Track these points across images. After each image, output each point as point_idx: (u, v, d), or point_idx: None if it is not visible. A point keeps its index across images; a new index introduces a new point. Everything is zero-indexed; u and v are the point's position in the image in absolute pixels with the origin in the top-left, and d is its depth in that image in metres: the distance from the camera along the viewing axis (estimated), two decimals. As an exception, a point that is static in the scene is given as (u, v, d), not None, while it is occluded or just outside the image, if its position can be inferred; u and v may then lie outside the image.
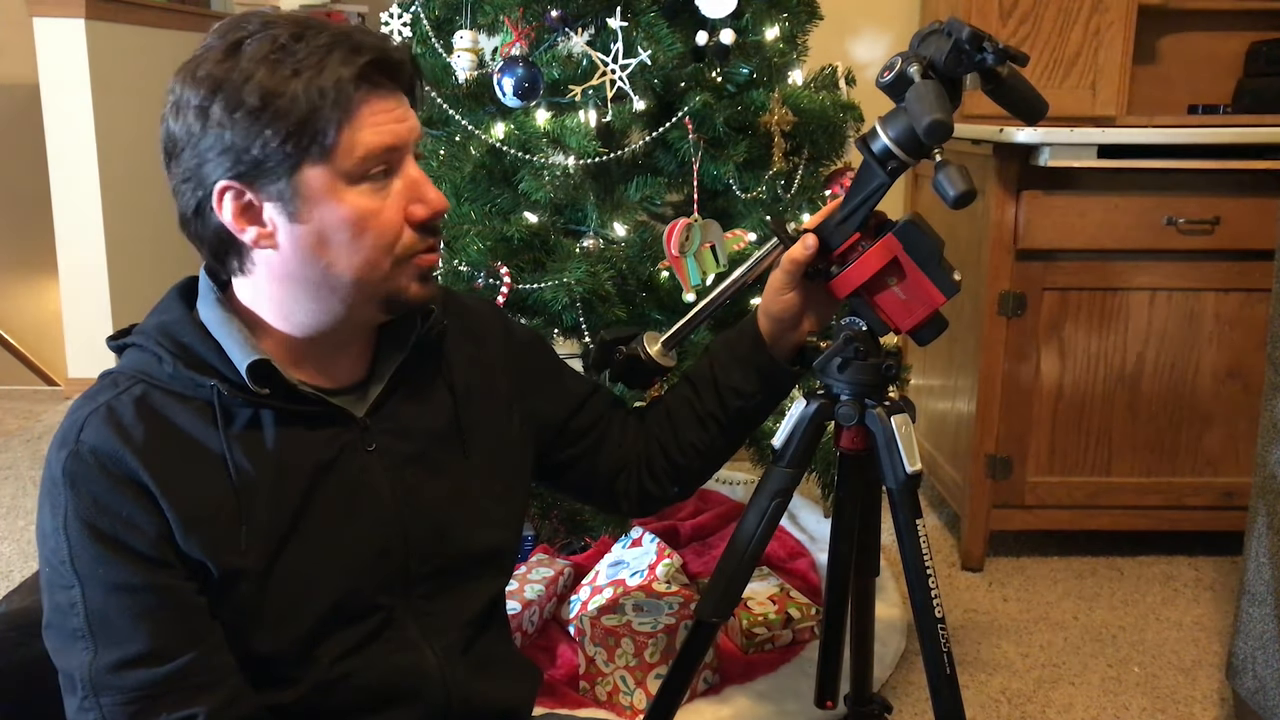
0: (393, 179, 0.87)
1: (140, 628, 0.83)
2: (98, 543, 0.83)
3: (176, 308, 0.93)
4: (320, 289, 0.88)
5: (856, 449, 1.15)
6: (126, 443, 0.84)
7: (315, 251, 0.86)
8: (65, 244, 3.59)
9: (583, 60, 1.70)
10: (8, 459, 3.08)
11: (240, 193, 0.85)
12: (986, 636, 2.14)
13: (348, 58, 0.83)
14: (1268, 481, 1.62)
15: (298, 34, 0.83)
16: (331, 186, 0.84)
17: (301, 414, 0.91)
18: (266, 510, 0.88)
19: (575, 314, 1.63)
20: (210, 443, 0.87)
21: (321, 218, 0.85)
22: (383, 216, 0.87)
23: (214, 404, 0.87)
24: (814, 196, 1.85)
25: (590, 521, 2.10)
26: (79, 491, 0.83)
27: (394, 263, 0.89)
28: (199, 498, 0.85)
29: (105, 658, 0.83)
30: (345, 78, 0.82)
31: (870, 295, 1.07)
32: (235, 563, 0.86)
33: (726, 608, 1.17)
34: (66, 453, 0.84)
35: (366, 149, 0.84)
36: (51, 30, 3.45)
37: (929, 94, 0.93)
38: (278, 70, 0.81)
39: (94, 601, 0.83)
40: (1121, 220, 2.23)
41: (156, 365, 0.89)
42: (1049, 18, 2.80)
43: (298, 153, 0.83)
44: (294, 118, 0.82)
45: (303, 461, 0.90)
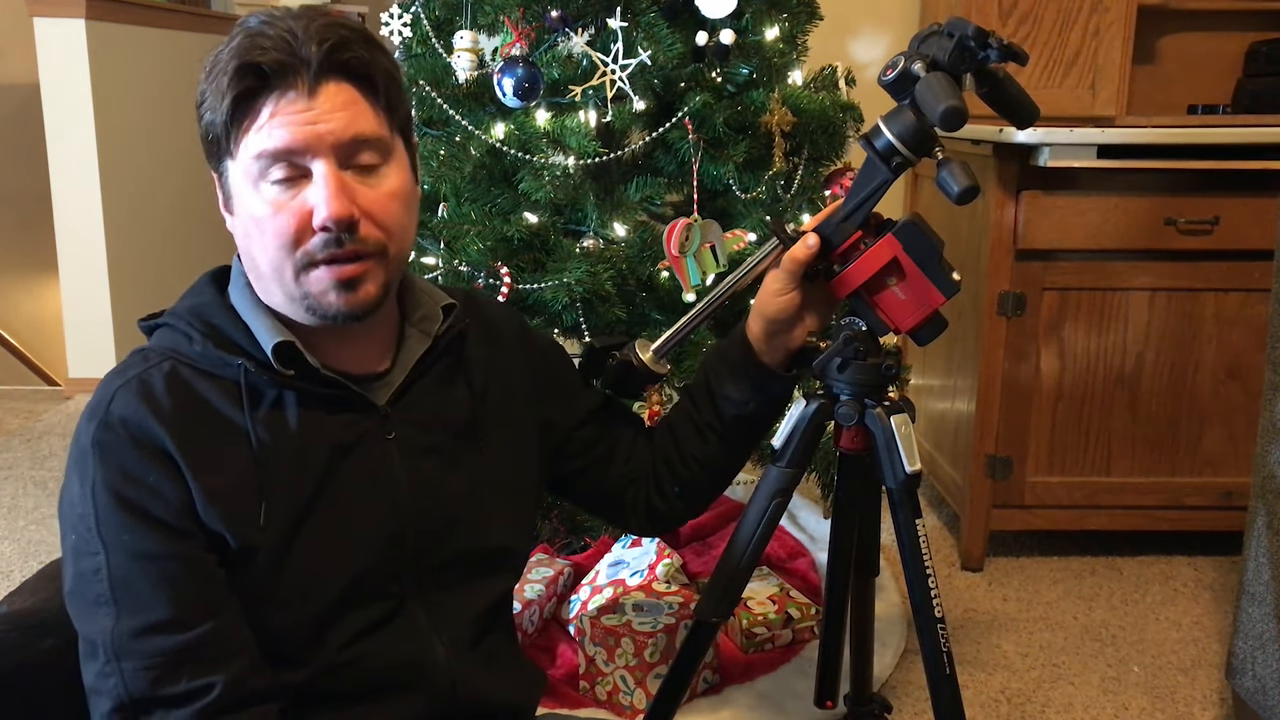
0: (305, 180, 0.88)
1: (162, 595, 0.85)
2: (123, 511, 0.85)
3: (208, 291, 0.96)
4: (258, 278, 0.92)
5: (856, 449, 1.15)
6: (155, 414, 0.86)
7: (245, 243, 0.92)
8: (65, 244, 3.59)
9: (583, 60, 1.70)
10: (8, 459, 3.07)
11: (215, 178, 0.93)
12: (986, 636, 2.14)
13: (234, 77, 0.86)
14: (1267, 481, 1.62)
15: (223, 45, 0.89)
16: (242, 182, 0.89)
17: (324, 397, 0.93)
18: (286, 489, 0.90)
19: (575, 314, 1.63)
20: (235, 419, 0.89)
21: (240, 211, 0.91)
22: (279, 218, 0.88)
23: (240, 382, 0.90)
24: (814, 196, 1.85)
25: (590, 521, 2.10)
26: (107, 461, 0.85)
27: (297, 266, 0.88)
28: (222, 471, 0.88)
29: (127, 623, 0.84)
30: (227, 83, 0.86)
31: (870, 295, 1.07)
32: (253, 538, 0.88)
33: (726, 608, 1.17)
34: (96, 423, 0.87)
35: (256, 151, 0.87)
36: (51, 30, 3.45)
37: (939, 84, 0.94)
38: (213, 70, 0.88)
39: (118, 568, 0.85)
40: (1121, 220, 2.23)
41: (186, 344, 0.92)
42: (1049, 18, 2.80)
43: (219, 152, 0.90)
44: (206, 122, 0.89)
45: (322, 443, 0.92)
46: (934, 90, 0.94)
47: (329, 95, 0.87)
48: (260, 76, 0.86)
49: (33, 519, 2.67)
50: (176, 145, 4.11)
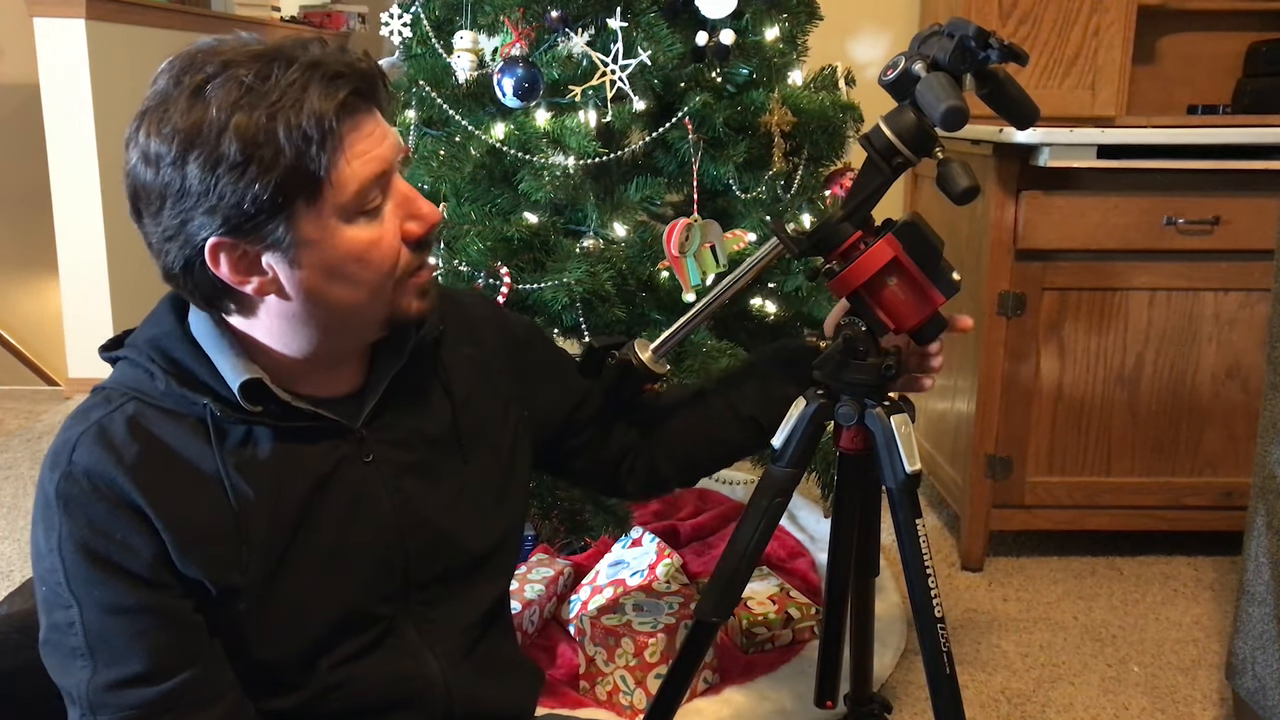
0: (386, 202, 0.85)
1: (137, 648, 0.83)
2: (93, 565, 0.82)
3: (168, 320, 0.90)
4: (327, 322, 0.87)
5: (856, 449, 1.15)
6: (119, 464, 0.82)
7: (320, 290, 0.84)
8: (65, 244, 3.59)
9: (583, 60, 1.70)
10: (8, 459, 3.08)
11: (234, 246, 0.81)
12: (986, 636, 2.14)
13: (325, 91, 0.78)
14: (1267, 481, 1.62)
15: (263, 71, 0.78)
16: (329, 226, 0.82)
17: (297, 429, 0.89)
18: (265, 528, 0.87)
19: (575, 314, 1.63)
20: (205, 462, 0.85)
21: (323, 259, 0.83)
22: (382, 244, 0.85)
23: (207, 423, 0.85)
24: (814, 196, 1.85)
25: (590, 521, 2.10)
26: (73, 514, 0.82)
27: (395, 284, 0.87)
28: (196, 519, 0.84)
29: (103, 676, 0.82)
30: (328, 113, 0.78)
31: (870, 295, 1.07)
32: (236, 581, 0.86)
33: (726, 608, 1.17)
34: (59, 474, 0.83)
35: (359, 183, 0.81)
36: (51, 30, 3.45)
37: (940, 83, 0.94)
38: (253, 116, 0.76)
39: (91, 622, 0.82)
40: (1121, 220, 2.23)
41: (149, 381, 0.87)
42: (1049, 18, 2.81)
43: (290, 201, 0.79)
44: (282, 166, 0.77)
45: (299, 476, 0.89)
46: (935, 90, 0.94)
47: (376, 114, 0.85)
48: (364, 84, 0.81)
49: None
50: (176, 145, 4.11)
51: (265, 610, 0.87)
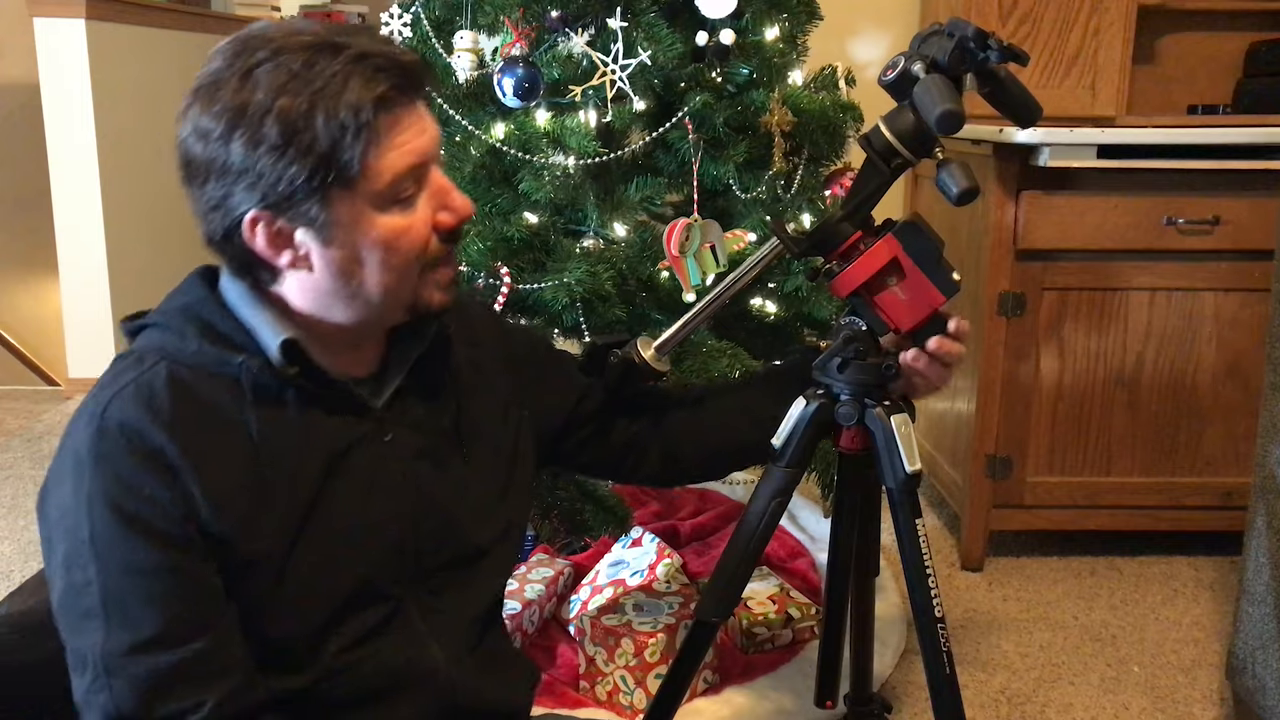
0: (420, 192, 0.89)
1: (154, 611, 0.83)
2: (120, 523, 0.83)
3: (198, 289, 0.93)
4: (352, 301, 0.90)
5: (856, 449, 1.15)
6: (155, 419, 0.84)
7: (348, 271, 0.88)
8: (65, 244, 3.59)
9: (583, 60, 1.70)
10: (8, 459, 3.08)
11: (271, 221, 0.85)
12: (986, 636, 2.14)
13: (366, 84, 0.82)
14: (1267, 481, 1.62)
15: (310, 60, 0.82)
16: (362, 211, 0.86)
17: (323, 398, 0.91)
18: (288, 491, 0.89)
19: (575, 314, 1.63)
20: (236, 419, 0.87)
21: (354, 241, 0.87)
22: (412, 232, 0.88)
23: (241, 380, 0.88)
24: (814, 197, 1.85)
25: (590, 521, 2.10)
26: (103, 470, 0.83)
27: (421, 271, 0.90)
28: (226, 475, 0.86)
29: (118, 639, 0.83)
30: (365, 104, 0.82)
31: (870, 295, 1.07)
32: (258, 542, 0.87)
33: (726, 608, 1.17)
34: (93, 430, 0.84)
35: (394, 173, 0.85)
36: (51, 30, 3.45)
37: (937, 86, 0.94)
38: (296, 101, 0.81)
39: (110, 582, 0.83)
40: (1121, 220, 2.23)
41: (180, 343, 0.89)
42: (1049, 18, 2.80)
43: (325, 184, 0.83)
44: (318, 152, 0.82)
45: (322, 446, 0.91)
46: (931, 93, 0.94)
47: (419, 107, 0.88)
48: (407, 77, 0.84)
49: (33, 519, 2.66)
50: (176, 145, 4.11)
51: (282, 580, 0.88)
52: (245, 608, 0.88)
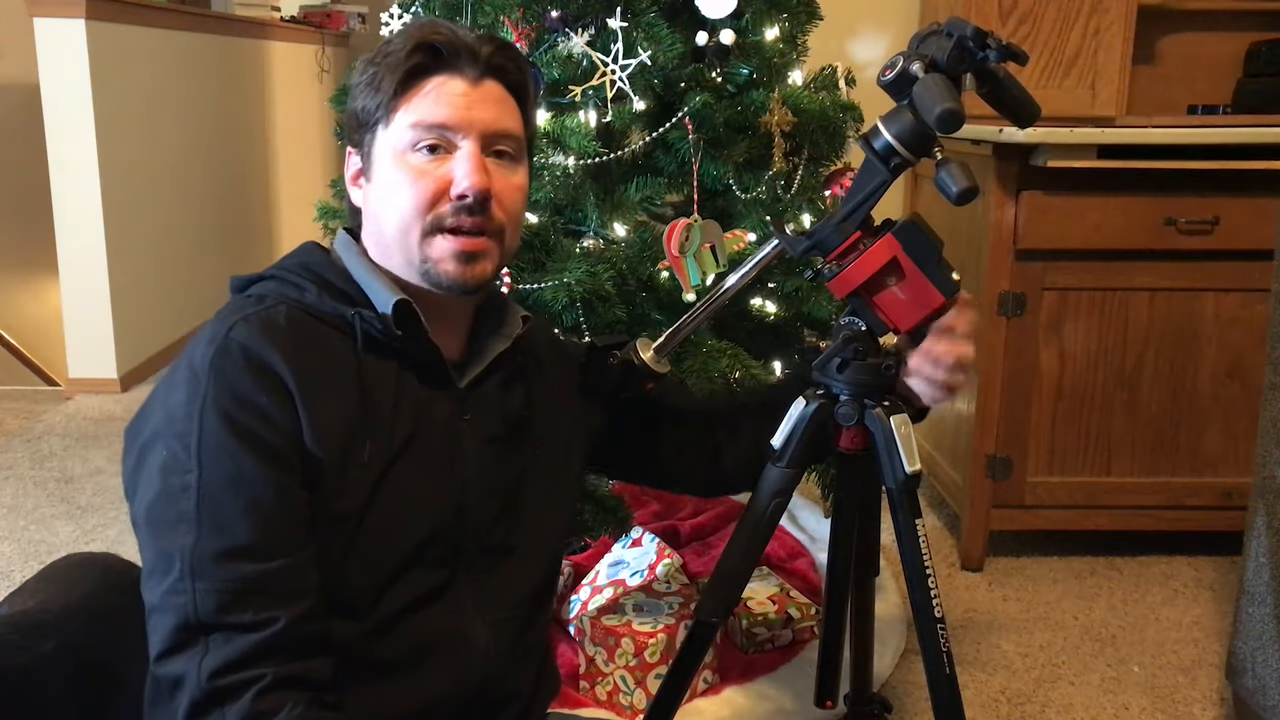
0: (448, 155, 0.97)
1: (247, 521, 0.86)
2: (229, 432, 0.87)
3: (316, 253, 1.03)
4: (379, 242, 1.00)
5: (856, 449, 1.15)
6: (275, 345, 0.90)
7: (377, 207, 0.99)
8: (65, 244, 3.58)
9: (583, 61, 1.70)
10: (8, 459, 3.07)
11: (351, 153, 1.02)
12: (986, 636, 2.14)
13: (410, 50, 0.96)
14: (1267, 481, 1.62)
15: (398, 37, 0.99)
16: (388, 150, 0.97)
17: (420, 364, 0.98)
18: (384, 436, 0.94)
19: (575, 314, 1.63)
20: (347, 364, 0.94)
21: (381, 176, 0.98)
22: (420, 182, 0.96)
23: (355, 330, 0.95)
24: (814, 197, 1.85)
25: (590, 521, 2.10)
26: (220, 382, 0.88)
27: (424, 230, 0.96)
28: (333, 410, 0.91)
29: (208, 544, 0.85)
30: (400, 64, 0.96)
31: (870, 295, 1.07)
32: (351, 478, 0.91)
33: (726, 608, 1.17)
34: (214, 348, 0.89)
35: (415, 118, 0.96)
36: (51, 30, 3.45)
37: (936, 85, 0.94)
38: (376, 56, 0.99)
39: (209, 488, 0.86)
40: (1121, 220, 2.23)
41: (297, 292, 0.96)
42: (1049, 18, 2.81)
43: (370, 121, 0.98)
44: (367, 93, 0.98)
45: (412, 408, 0.97)
46: (931, 92, 0.94)
47: (488, 89, 0.99)
48: (434, 55, 0.97)
49: (33, 519, 2.67)
50: (177, 145, 4.12)
51: (365, 516, 0.92)
52: (326, 541, 0.91)
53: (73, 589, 0.99)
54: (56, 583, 0.99)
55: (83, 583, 1.00)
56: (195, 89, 4.30)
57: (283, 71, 5.17)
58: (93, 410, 3.45)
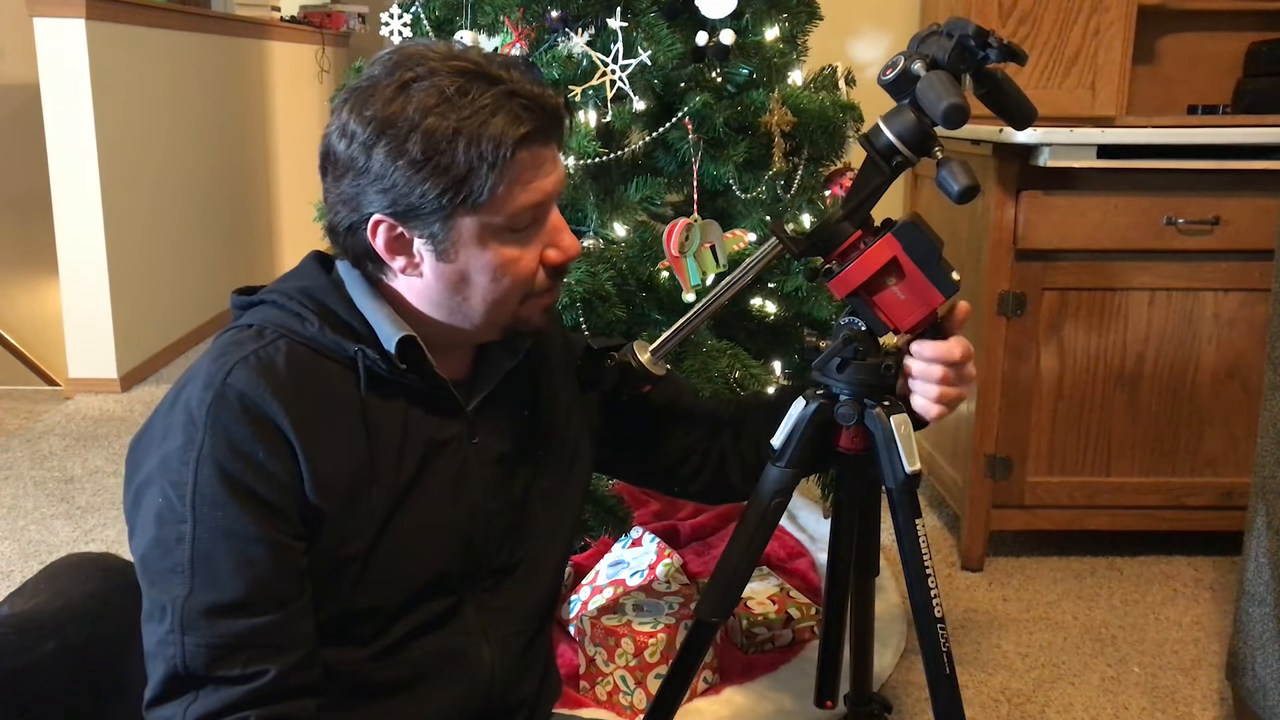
0: (537, 228, 0.93)
1: (239, 577, 0.85)
2: (224, 486, 0.85)
3: (318, 274, 0.97)
4: (453, 314, 0.95)
5: (856, 449, 1.14)
6: (275, 392, 0.87)
7: (456, 287, 0.92)
8: (65, 244, 3.59)
9: (583, 61, 1.70)
10: (8, 459, 3.07)
11: (394, 227, 0.90)
12: (986, 636, 2.14)
13: (511, 121, 0.86)
14: (1267, 481, 1.62)
15: (464, 87, 0.86)
16: (480, 236, 0.90)
17: (426, 396, 0.96)
18: (387, 479, 0.92)
19: (575, 314, 1.63)
20: (350, 403, 0.91)
21: (467, 261, 0.91)
22: (522, 263, 0.92)
23: (358, 367, 0.91)
24: (814, 197, 1.85)
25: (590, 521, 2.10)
26: (217, 432, 0.85)
27: (522, 300, 0.95)
28: (335, 454, 0.89)
29: (199, 598, 0.85)
30: (507, 143, 0.86)
31: (869, 295, 1.07)
32: (352, 524, 0.90)
33: (726, 608, 1.17)
34: (212, 393, 0.86)
35: (517, 207, 0.89)
36: (51, 30, 3.45)
37: (940, 82, 0.94)
38: (442, 124, 0.85)
39: (203, 542, 0.85)
40: (1121, 220, 2.23)
41: (298, 324, 0.92)
42: (1049, 18, 2.81)
43: (452, 205, 0.88)
44: (453, 175, 0.86)
45: (419, 441, 0.95)
46: (935, 88, 0.94)
47: (554, 150, 0.92)
48: (548, 121, 0.89)
49: (33, 519, 2.67)
50: (177, 145, 4.12)
51: (373, 558, 0.91)
52: (334, 581, 0.91)
53: (73, 589, 0.99)
54: (56, 583, 0.99)
55: (83, 583, 1.00)
56: (195, 89, 4.30)
57: (283, 71, 5.17)
58: (93, 410, 3.45)
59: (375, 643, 0.94)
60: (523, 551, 1.04)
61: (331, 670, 0.92)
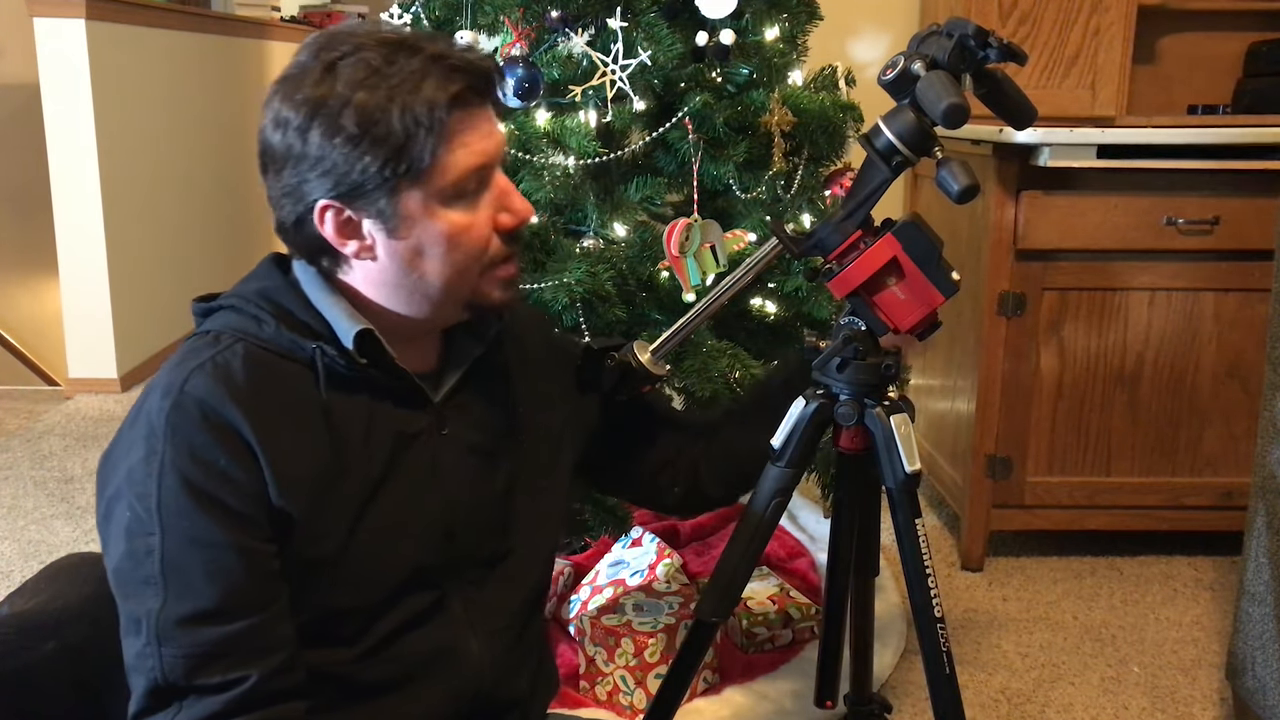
0: (483, 192, 0.91)
1: (212, 585, 0.85)
2: (188, 494, 0.84)
3: (274, 275, 0.96)
4: (413, 294, 0.93)
5: (856, 449, 1.15)
6: (232, 396, 0.86)
7: (411, 263, 0.91)
8: (65, 244, 3.58)
9: (583, 61, 1.70)
10: (8, 459, 3.07)
11: (340, 210, 0.89)
12: (986, 636, 2.14)
13: (441, 84, 0.86)
14: (1267, 481, 1.62)
15: (390, 56, 0.86)
16: (427, 206, 0.89)
17: (390, 389, 0.94)
18: (354, 475, 0.91)
19: (575, 314, 1.63)
20: (310, 403, 0.90)
21: (418, 234, 0.89)
22: (474, 230, 0.91)
23: (316, 365, 0.91)
24: (814, 197, 1.85)
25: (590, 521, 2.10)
26: (178, 442, 0.85)
27: (481, 270, 0.93)
28: (297, 455, 0.88)
29: (174, 609, 0.84)
30: (439, 104, 0.85)
31: (869, 295, 1.07)
32: (322, 524, 0.89)
33: (726, 608, 1.17)
34: (170, 402, 0.86)
35: (460, 171, 0.88)
36: (51, 30, 3.45)
37: (941, 81, 0.94)
38: (374, 96, 0.85)
39: (172, 552, 0.84)
40: (1121, 220, 2.23)
41: (255, 326, 0.91)
42: (1049, 18, 2.81)
43: (395, 176, 0.86)
44: (391, 144, 0.85)
45: (386, 434, 0.94)
46: (936, 88, 0.94)
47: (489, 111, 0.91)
48: (479, 81, 0.88)
49: (33, 519, 2.67)
50: (177, 145, 4.12)
51: (342, 561, 0.91)
52: (309, 581, 0.90)
53: (73, 589, 0.99)
54: (56, 583, 0.99)
55: (82, 583, 1.00)
56: (195, 89, 4.30)
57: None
58: (93, 410, 3.45)
59: (360, 643, 0.93)
60: (510, 543, 1.03)
61: (319, 673, 0.92)
